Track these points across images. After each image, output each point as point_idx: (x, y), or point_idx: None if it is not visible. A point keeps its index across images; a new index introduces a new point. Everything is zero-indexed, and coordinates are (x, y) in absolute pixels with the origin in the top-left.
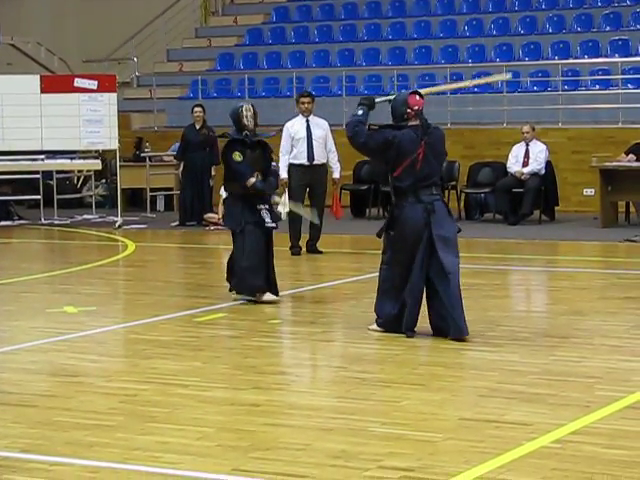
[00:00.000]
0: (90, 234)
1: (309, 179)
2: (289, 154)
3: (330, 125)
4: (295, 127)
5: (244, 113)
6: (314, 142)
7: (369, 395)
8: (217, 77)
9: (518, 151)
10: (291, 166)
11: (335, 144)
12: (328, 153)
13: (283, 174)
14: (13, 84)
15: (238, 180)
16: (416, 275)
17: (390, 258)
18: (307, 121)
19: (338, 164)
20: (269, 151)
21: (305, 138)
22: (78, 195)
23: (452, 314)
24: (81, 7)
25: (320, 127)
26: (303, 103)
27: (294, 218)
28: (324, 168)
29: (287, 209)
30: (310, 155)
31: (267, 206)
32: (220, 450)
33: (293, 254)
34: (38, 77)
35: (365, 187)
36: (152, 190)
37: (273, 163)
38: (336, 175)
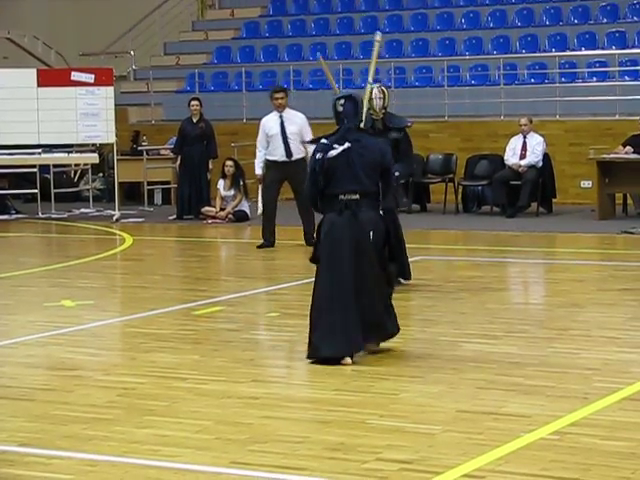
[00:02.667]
0: (87, 228)
1: (286, 175)
2: (265, 149)
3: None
4: (269, 123)
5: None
6: (289, 138)
7: (367, 388)
8: (214, 70)
9: (515, 143)
10: (266, 161)
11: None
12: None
13: (258, 170)
14: (10, 78)
15: None
16: None
17: None
18: (281, 117)
19: None
20: None
21: (279, 134)
22: (75, 189)
23: None
24: (78, 1)
25: (293, 122)
26: (277, 99)
27: (269, 214)
28: (303, 162)
29: (262, 206)
30: (288, 152)
31: None
32: (218, 443)
33: (261, 247)
34: (35, 71)
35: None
36: (149, 184)
37: None
38: None
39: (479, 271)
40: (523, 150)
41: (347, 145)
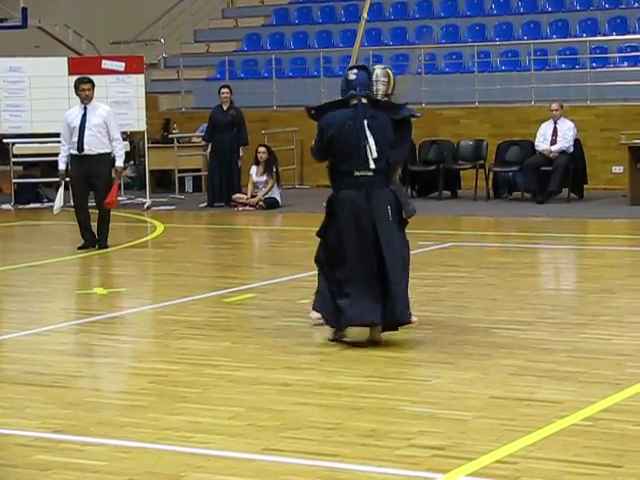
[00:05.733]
0: (119, 216)
1: (86, 170)
2: (69, 144)
3: None
4: (72, 115)
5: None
6: (87, 131)
7: (399, 374)
8: (244, 58)
9: (546, 129)
10: (70, 156)
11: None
12: (111, 141)
13: (61, 165)
14: (41, 66)
15: None
16: None
17: None
18: (85, 109)
19: (121, 152)
20: None
21: (79, 127)
22: None
23: None
24: None
25: (97, 114)
26: (83, 90)
27: (77, 211)
28: (104, 158)
29: (61, 204)
30: (80, 145)
31: None
32: (251, 430)
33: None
34: (66, 59)
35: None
36: (180, 171)
37: None
38: (117, 164)
39: (510, 257)
40: (554, 136)
41: (366, 122)
